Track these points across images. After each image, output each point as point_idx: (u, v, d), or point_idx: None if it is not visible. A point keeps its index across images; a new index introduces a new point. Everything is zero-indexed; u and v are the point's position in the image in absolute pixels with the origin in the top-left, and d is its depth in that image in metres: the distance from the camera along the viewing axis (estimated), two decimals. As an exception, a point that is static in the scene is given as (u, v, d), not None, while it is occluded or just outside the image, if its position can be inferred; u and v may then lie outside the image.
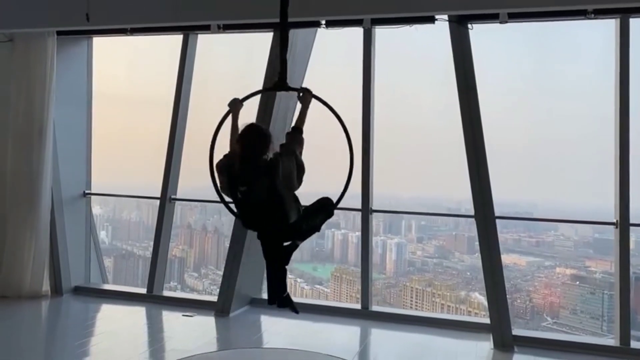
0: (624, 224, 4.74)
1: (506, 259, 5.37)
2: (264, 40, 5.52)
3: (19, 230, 5.98)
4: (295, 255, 7.07)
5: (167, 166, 5.99)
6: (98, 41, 6.51)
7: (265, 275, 6.06)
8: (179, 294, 6.39)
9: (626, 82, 4.70)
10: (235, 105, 3.69)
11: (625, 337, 4.74)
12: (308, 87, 3.73)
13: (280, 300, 3.70)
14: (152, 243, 6.19)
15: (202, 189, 3.45)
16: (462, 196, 5.25)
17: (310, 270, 6.63)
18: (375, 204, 5.54)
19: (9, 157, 6.04)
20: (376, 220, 5.78)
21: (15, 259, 5.97)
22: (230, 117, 3.67)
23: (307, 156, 3.44)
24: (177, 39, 5.92)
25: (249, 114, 5.45)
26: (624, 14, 4.68)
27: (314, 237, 3.99)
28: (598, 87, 5.16)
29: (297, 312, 3.78)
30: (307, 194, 3.60)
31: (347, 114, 5.82)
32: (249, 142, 3.42)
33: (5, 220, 6.04)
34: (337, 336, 5.17)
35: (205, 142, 3.62)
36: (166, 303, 5.95)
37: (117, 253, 7.34)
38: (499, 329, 4.89)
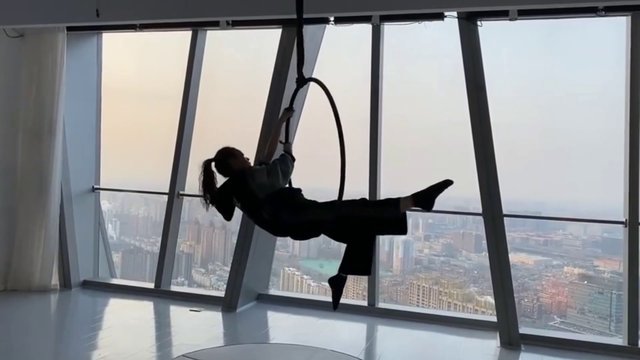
0: (633, 223, 4.71)
1: (514, 257, 5.35)
2: (272, 36, 5.53)
3: (28, 225, 6.03)
4: (302, 251, 7.10)
5: (175, 162, 6.01)
6: (108, 37, 6.55)
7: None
8: (186, 289, 6.43)
9: (637, 80, 4.66)
10: (287, 114, 3.92)
11: (633, 336, 4.72)
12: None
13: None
14: (159, 238, 6.22)
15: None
16: (470, 194, 5.22)
17: (317, 267, 6.64)
18: (382, 201, 5.51)
19: (19, 151, 6.08)
20: (383, 218, 5.76)
21: (25, 253, 6.02)
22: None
23: (314, 152, 3.45)
24: (186, 35, 5.94)
25: (258, 107, 5.50)
26: (635, 12, 4.63)
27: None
28: (608, 86, 5.12)
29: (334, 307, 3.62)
30: (315, 189, 3.61)
31: (355, 111, 5.85)
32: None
33: (15, 215, 6.09)
34: (343, 333, 5.18)
35: (214, 137, 3.67)
36: (174, 298, 5.98)
37: (125, 248, 7.38)
38: (506, 327, 4.88)
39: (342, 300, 5.90)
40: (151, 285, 6.19)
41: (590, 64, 5.30)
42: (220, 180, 3.56)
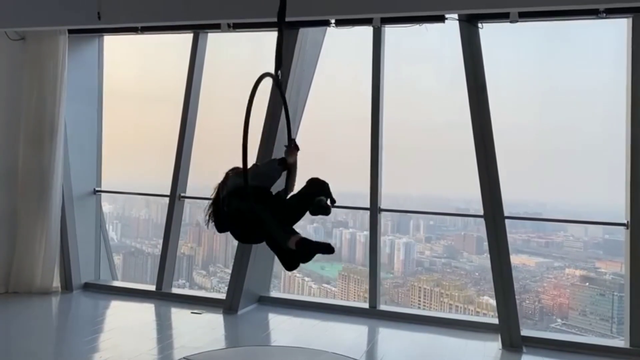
0: (635, 225, 4.70)
1: (515, 259, 5.34)
2: (273, 38, 5.53)
3: (30, 227, 6.04)
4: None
5: (176, 164, 6.01)
6: (109, 39, 6.56)
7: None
8: (187, 292, 6.43)
9: (638, 82, 4.66)
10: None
11: (635, 338, 4.71)
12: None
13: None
14: (161, 241, 6.22)
15: (211, 187, 3.48)
16: (471, 196, 5.23)
17: (318, 269, 6.63)
18: (383, 203, 5.53)
19: (21, 154, 6.09)
20: (384, 220, 5.78)
21: (26, 256, 6.02)
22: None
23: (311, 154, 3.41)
24: (187, 37, 5.94)
25: (259, 108, 5.48)
26: (635, 14, 4.64)
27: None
28: (609, 87, 5.12)
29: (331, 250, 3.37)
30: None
31: (356, 112, 5.86)
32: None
33: (17, 217, 6.09)
34: (345, 335, 5.17)
35: (215, 140, 3.66)
36: (175, 300, 5.98)
37: (126, 250, 7.38)
38: (508, 329, 4.87)
39: (343, 302, 5.98)
40: (152, 288, 6.19)
41: (591, 65, 5.31)
42: None
